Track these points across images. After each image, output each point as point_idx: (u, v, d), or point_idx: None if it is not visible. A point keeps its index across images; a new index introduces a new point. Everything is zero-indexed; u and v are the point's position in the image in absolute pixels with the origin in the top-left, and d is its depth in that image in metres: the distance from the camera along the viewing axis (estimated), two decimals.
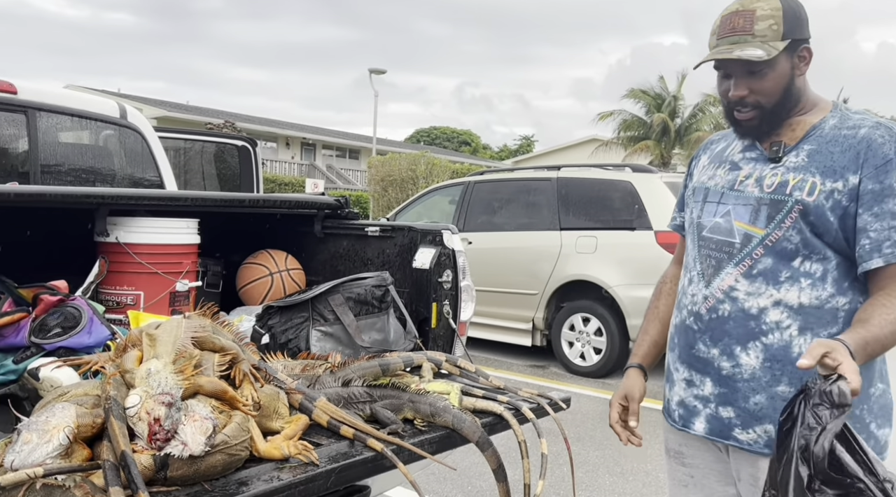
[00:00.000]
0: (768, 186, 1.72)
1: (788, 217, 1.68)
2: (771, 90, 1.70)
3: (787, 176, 1.70)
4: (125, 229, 2.72)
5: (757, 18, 1.67)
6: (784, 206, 1.69)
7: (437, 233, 2.95)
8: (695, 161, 2.00)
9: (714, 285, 1.76)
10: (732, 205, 1.77)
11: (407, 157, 19.82)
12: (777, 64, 1.68)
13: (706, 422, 1.78)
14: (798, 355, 1.64)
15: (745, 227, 1.74)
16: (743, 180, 1.77)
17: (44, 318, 2.21)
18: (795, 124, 1.75)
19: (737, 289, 1.73)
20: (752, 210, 1.73)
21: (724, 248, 1.76)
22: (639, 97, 28.43)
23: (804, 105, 1.75)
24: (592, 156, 27.97)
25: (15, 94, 3.43)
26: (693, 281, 1.83)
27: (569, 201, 7.33)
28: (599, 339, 6.97)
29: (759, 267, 1.71)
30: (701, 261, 1.81)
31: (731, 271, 1.74)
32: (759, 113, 1.73)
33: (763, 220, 1.71)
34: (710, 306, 1.77)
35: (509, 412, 2.11)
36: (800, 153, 1.72)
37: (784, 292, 1.69)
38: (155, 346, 1.68)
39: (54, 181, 3.58)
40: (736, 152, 1.84)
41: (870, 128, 1.68)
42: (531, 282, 7.33)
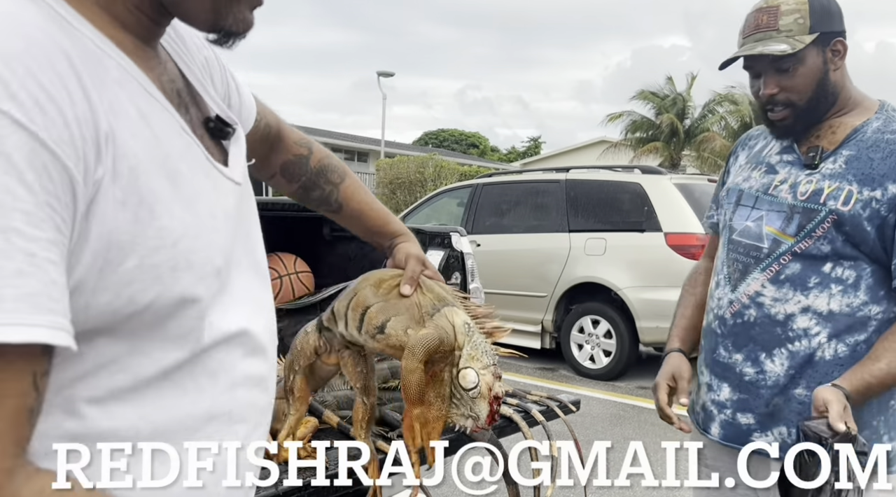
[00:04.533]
0: (802, 194, 1.65)
1: (820, 227, 1.62)
2: (802, 86, 1.64)
3: (822, 184, 1.63)
4: None
5: (782, 14, 1.62)
6: (817, 215, 1.62)
7: (446, 235, 2.94)
8: (732, 157, 1.94)
9: (740, 290, 1.72)
10: (766, 210, 1.71)
11: (415, 159, 19.83)
12: (806, 58, 1.62)
13: (721, 427, 1.75)
14: (822, 360, 1.61)
15: (774, 232, 1.68)
16: (778, 185, 1.71)
17: None
18: (836, 126, 1.68)
19: (763, 294, 1.68)
20: (785, 217, 1.67)
21: (752, 253, 1.71)
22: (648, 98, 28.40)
23: (844, 104, 1.68)
24: (601, 157, 27.95)
25: None
26: (720, 284, 1.79)
27: (578, 203, 7.31)
28: (609, 341, 6.95)
29: (786, 272, 1.65)
30: (728, 264, 1.77)
31: (758, 276, 1.69)
32: (792, 111, 1.66)
33: (794, 228, 1.65)
34: (735, 311, 1.72)
35: (519, 415, 2.10)
36: (837, 159, 1.64)
37: (813, 298, 1.63)
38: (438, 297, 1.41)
39: None
40: (773, 154, 1.77)
41: None
42: (540, 284, 7.32)
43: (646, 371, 6.94)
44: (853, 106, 1.69)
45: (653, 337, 6.58)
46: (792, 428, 1.64)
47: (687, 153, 27.86)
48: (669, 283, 5.99)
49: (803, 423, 1.46)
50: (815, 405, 1.49)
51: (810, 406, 1.60)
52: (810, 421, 1.45)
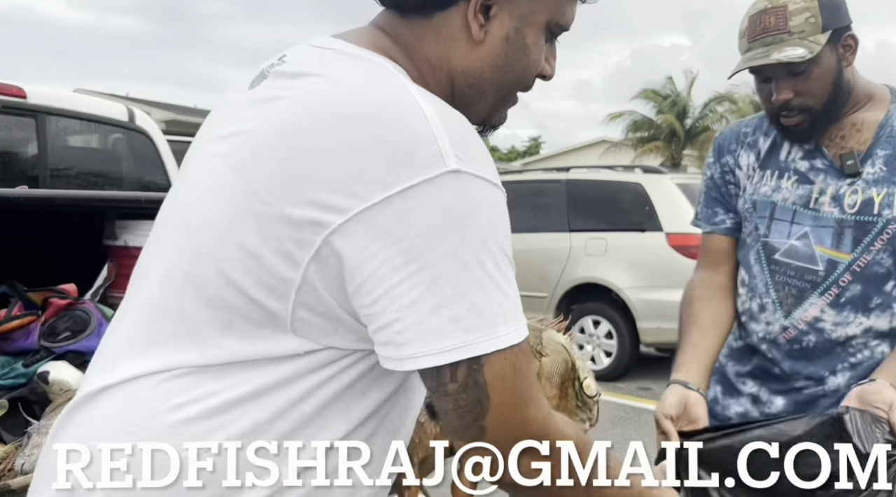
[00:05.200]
0: (850, 206, 1.53)
1: (879, 239, 1.51)
2: (819, 90, 1.52)
3: (870, 192, 1.52)
4: (134, 233, 2.73)
5: (791, 13, 1.48)
6: (873, 227, 1.51)
7: None
8: (728, 156, 1.74)
9: (796, 316, 1.59)
10: (810, 227, 1.57)
11: None
12: (822, 59, 1.49)
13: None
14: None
15: (828, 252, 1.55)
16: (818, 198, 1.57)
17: (53, 322, 2.22)
18: (860, 124, 1.57)
19: (823, 320, 1.56)
20: (835, 233, 1.55)
21: (806, 277, 1.57)
22: (650, 98, 28.36)
23: (857, 98, 1.57)
24: (602, 157, 27.91)
25: (24, 98, 3.44)
26: (766, 309, 1.63)
27: (578, 203, 7.31)
28: (610, 342, 6.95)
29: (846, 295, 1.54)
30: (776, 288, 1.62)
31: (816, 301, 1.56)
32: (808, 116, 1.54)
33: (848, 244, 1.53)
34: (791, 337, 1.60)
35: None
36: (875, 161, 1.54)
37: (874, 319, 1.54)
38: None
39: (63, 185, 3.59)
40: (798, 159, 1.62)
41: None
42: (540, 284, 7.31)
43: (647, 372, 6.93)
44: (867, 99, 1.59)
45: (654, 338, 6.58)
46: None
47: (688, 153, 27.84)
48: (671, 283, 5.98)
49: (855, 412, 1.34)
50: (870, 400, 1.38)
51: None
52: (858, 412, 1.33)
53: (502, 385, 0.83)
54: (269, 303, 0.84)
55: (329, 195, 0.80)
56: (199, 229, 0.88)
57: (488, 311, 0.81)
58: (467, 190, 0.81)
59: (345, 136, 0.81)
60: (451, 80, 0.95)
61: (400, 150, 0.80)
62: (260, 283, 0.83)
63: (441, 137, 0.81)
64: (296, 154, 0.82)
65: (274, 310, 0.84)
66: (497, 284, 0.82)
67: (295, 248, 0.81)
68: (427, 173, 0.79)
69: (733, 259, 1.75)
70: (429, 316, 0.80)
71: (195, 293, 0.87)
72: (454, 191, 0.80)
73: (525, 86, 1.00)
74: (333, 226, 0.80)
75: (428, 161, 0.80)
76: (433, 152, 0.80)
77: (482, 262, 0.81)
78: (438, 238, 0.79)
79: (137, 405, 0.87)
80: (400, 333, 0.81)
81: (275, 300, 0.84)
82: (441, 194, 0.80)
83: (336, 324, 0.85)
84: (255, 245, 0.83)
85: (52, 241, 2.73)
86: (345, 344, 0.87)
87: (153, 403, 0.86)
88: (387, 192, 0.79)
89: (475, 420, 0.84)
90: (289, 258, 0.82)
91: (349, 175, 0.80)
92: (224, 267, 0.85)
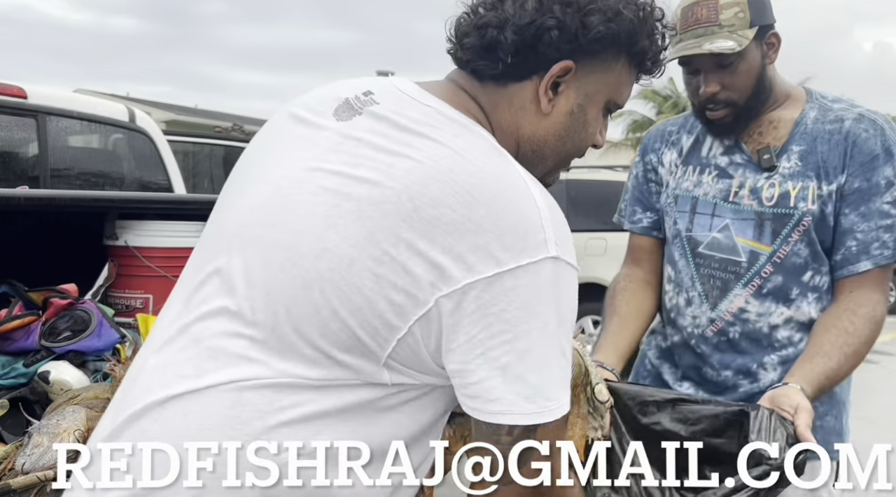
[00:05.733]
0: (768, 200, 1.61)
1: (796, 230, 1.58)
2: (743, 84, 1.59)
3: (786, 186, 1.59)
4: (134, 233, 2.73)
5: (721, 7, 1.55)
6: (790, 219, 1.59)
7: None
8: (652, 154, 1.82)
9: (722, 307, 1.65)
10: (731, 219, 1.64)
11: None
12: (748, 54, 1.56)
13: None
14: None
15: (750, 243, 1.62)
16: (737, 191, 1.64)
17: (54, 322, 2.22)
18: (776, 121, 1.64)
19: (748, 310, 1.63)
20: (755, 225, 1.62)
21: (730, 268, 1.64)
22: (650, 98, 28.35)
23: (777, 97, 1.65)
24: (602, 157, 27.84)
25: (25, 98, 3.45)
26: (693, 302, 1.69)
27: (578, 203, 7.30)
28: None
29: (769, 286, 1.61)
30: (702, 281, 1.68)
31: (740, 292, 1.63)
32: (732, 110, 1.61)
33: (768, 236, 1.60)
34: (718, 329, 1.66)
35: None
36: (791, 156, 1.61)
37: (794, 310, 1.61)
38: None
39: (64, 185, 3.60)
40: (719, 154, 1.70)
41: (853, 121, 1.58)
42: None
43: None
44: (784, 98, 1.66)
45: None
46: None
47: None
48: None
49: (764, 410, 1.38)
50: (778, 402, 1.42)
51: None
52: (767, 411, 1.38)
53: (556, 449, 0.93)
54: (369, 342, 0.91)
55: (449, 261, 0.88)
56: (311, 258, 0.91)
57: (560, 382, 0.93)
58: (561, 275, 0.92)
59: (468, 210, 0.89)
60: (518, 144, 1.05)
61: (515, 233, 0.90)
62: (365, 323, 0.90)
63: (547, 226, 0.91)
64: (422, 216, 0.89)
65: (372, 348, 0.91)
66: (567, 359, 0.94)
67: (408, 302, 0.89)
68: (533, 257, 0.89)
69: (654, 256, 1.82)
70: (516, 380, 0.89)
71: (297, 316, 0.91)
72: (552, 274, 0.90)
73: (578, 155, 1.12)
74: (447, 290, 0.88)
75: (536, 246, 0.90)
76: (541, 239, 0.90)
77: (560, 338, 0.92)
78: (533, 314, 0.89)
79: (243, 404, 0.90)
80: (489, 390, 0.90)
81: (375, 342, 0.91)
82: (541, 276, 0.90)
83: (422, 370, 0.94)
84: (370, 289, 0.89)
85: (52, 241, 2.73)
86: (423, 381, 0.96)
87: (259, 404, 0.90)
88: (499, 268, 0.88)
89: None
90: (399, 310, 0.89)
91: (468, 246, 0.88)
92: (333, 300, 0.90)
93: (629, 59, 1.06)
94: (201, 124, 17.33)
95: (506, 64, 1.01)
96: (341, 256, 0.90)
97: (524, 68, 1.02)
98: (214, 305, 0.95)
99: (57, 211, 2.60)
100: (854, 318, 1.54)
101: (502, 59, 1.01)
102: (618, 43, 1.03)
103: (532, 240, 0.90)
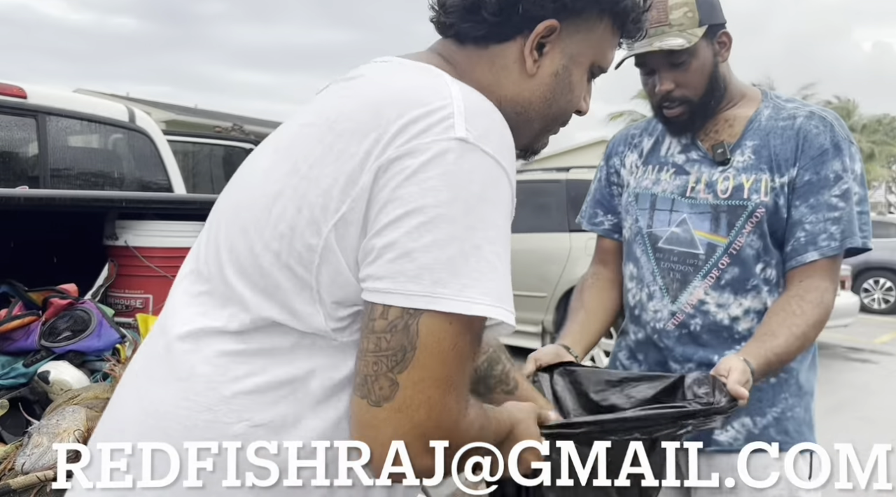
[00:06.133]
0: (723, 192, 1.66)
1: (749, 222, 1.63)
2: (696, 81, 1.64)
3: (740, 178, 1.65)
4: (134, 233, 2.73)
5: (670, 7, 1.61)
6: (744, 211, 1.63)
7: None
8: (615, 158, 1.90)
9: (682, 300, 1.69)
10: (687, 213, 1.69)
11: None
12: (698, 52, 1.62)
13: None
14: None
15: (707, 236, 1.67)
16: (694, 186, 1.70)
17: (53, 322, 2.22)
18: (732, 119, 1.70)
19: (707, 302, 1.67)
20: (711, 218, 1.66)
21: (689, 261, 1.68)
22: None
23: (732, 96, 1.71)
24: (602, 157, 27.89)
25: (25, 98, 3.45)
26: (654, 296, 1.73)
27: (578, 203, 7.27)
28: (609, 341, 6.94)
29: (726, 277, 1.65)
30: (662, 275, 1.72)
31: (699, 284, 1.67)
32: (687, 107, 1.67)
33: (724, 228, 1.65)
34: (679, 322, 1.69)
35: None
36: (744, 151, 1.66)
37: (751, 300, 1.65)
38: None
39: (64, 185, 3.60)
40: (676, 153, 1.76)
41: (805, 117, 1.64)
42: (540, 284, 7.32)
43: None
44: (739, 97, 1.72)
45: None
46: (756, 416, 1.64)
47: None
48: None
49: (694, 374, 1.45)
50: (717, 369, 1.47)
51: (766, 390, 1.64)
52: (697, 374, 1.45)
53: (437, 347, 0.83)
54: (297, 268, 0.89)
55: (357, 163, 0.87)
56: (248, 205, 0.95)
57: (471, 277, 0.84)
58: (471, 160, 0.87)
59: (377, 113, 0.89)
60: (500, 105, 1.00)
61: (419, 119, 0.87)
62: (291, 250, 0.89)
63: (458, 113, 0.88)
64: (335, 131, 0.90)
65: (300, 275, 0.89)
66: (487, 260, 0.86)
67: (321, 214, 0.88)
68: (436, 137, 0.86)
69: (618, 257, 1.88)
70: (402, 257, 0.84)
71: (235, 259, 0.94)
72: (457, 156, 0.86)
73: (564, 120, 1.11)
74: (354, 192, 0.87)
75: (441, 128, 0.87)
76: (448, 123, 0.87)
77: (471, 228, 0.85)
78: (430, 191, 0.84)
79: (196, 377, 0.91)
80: (376, 270, 0.85)
81: (302, 266, 0.89)
82: (445, 157, 0.86)
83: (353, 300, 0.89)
84: (291, 215, 0.89)
85: (52, 241, 2.73)
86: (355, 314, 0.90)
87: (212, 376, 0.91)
88: (397, 150, 0.86)
89: (390, 369, 0.83)
90: (315, 226, 0.88)
91: (373, 141, 0.87)
92: (265, 234, 0.91)
93: (612, 20, 1.06)
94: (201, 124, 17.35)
95: (489, 24, 1.02)
96: (268, 194, 0.92)
97: (508, 28, 1.02)
98: (186, 269, 1.05)
99: (57, 211, 2.60)
100: (801, 303, 1.58)
101: (486, 20, 1.01)
102: (601, 1, 1.04)
103: (436, 122, 0.87)
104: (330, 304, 0.89)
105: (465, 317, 0.83)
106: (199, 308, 0.96)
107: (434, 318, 0.83)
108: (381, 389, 0.83)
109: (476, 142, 0.87)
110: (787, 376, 1.68)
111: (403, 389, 0.82)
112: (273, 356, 0.90)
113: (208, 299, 0.96)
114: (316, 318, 0.89)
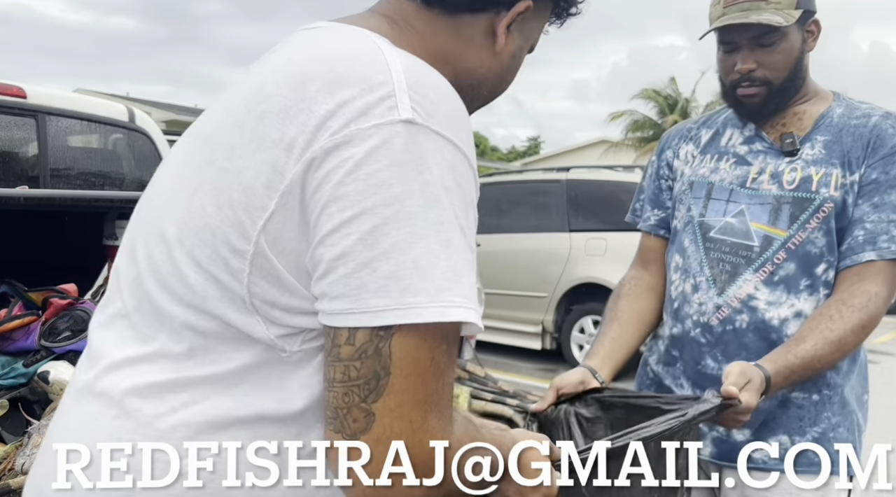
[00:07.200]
0: (789, 183, 1.57)
1: (815, 217, 1.54)
2: (781, 64, 1.57)
3: (809, 170, 1.56)
4: None
5: None
6: (810, 204, 1.55)
7: None
8: (669, 151, 1.81)
9: (729, 293, 1.59)
10: (746, 204, 1.60)
11: None
12: (790, 35, 1.55)
13: (712, 445, 1.62)
14: None
15: (764, 228, 1.57)
16: (756, 177, 1.61)
17: (53, 322, 2.22)
18: (801, 113, 1.63)
19: (756, 297, 1.56)
20: (772, 209, 1.57)
21: (741, 252, 1.59)
22: (651, 97, 28.33)
23: (807, 90, 1.64)
24: (602, 157, 27.91)
25: (24, 98, 3.44)
26: (700, 288, 1.63)
27: (578, 203, 7.31)
28: None
29: (780, 273, 1.55)
30: (710, 265, 1.62)
31: (750, 278, 1.57)
32: (766, 90, 1.59)
33: (785, 221, 1.56)
34: (724, 317, 1.59)
35: (519, 416, 2.10)
36: (815, 144, 1.58)
37: (803, 302, 1.55)
38: None
39: (63, 185, 3.59)
40: (738, 144, 1.68)
41: (880, 117, 1.58)
42: (540, 284, 7.31)
43: None
44: (812, 94, 1.65)
45: None
46: (794, 435, 1.56)
47: None
48: None
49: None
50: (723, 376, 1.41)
51: (807, 408, 1.57)
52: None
53: (413, 367, 0.75)
54: (225, 278, 0.80)
55: (281, 152, 0.77)
56: (166, 216, 0.87)
57: (442, 277, 0.75)
58: (422, 144, 0.77)
59: (300, 90, 0.79)
60: (454, 77, 0.93)
61: (354, 98, 0.77)
62: (216, 257, 0.81)
63: (401, 89, 0.78)
64: (253, 115, 0.81)
65: (230, 286, 0.81)
66: (458, 251, 0.77)
67: (246, 216, 0.79)
68: (378, 119, 0.76)
69: (661, 258, 1.79)
70: (361, 269, 0.74)
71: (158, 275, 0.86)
72: (405, 141, 0.76)
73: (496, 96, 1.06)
74: (283, 186, 0.77)
75: (382, 109, 0.77)
76: (390, 103, 0.77)
77: (434, 221, 0.76)
78: (380, 186, 0.74)
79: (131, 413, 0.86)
80: (331, 287, 0.75)
81: (230, 275, 0.80)
82: (391, 143, 0.75)
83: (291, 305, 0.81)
84: (211, 215, 0.81)
85: (52, 241, 2.73)
86: (305, 324, 0.82)
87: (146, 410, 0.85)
88: (333, 139, 0.76)
89: (363, 400, 0.75)
90: (241, 229, 0.79)
91: (300, 127, 0.77)
92: (185, 241, 0.83)
93: (555, 2, 1.02)
94: None
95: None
96: (183, 190, 0.85)
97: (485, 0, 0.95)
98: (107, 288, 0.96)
99: (57, 211, 2.60)
100: (842, 307, 1.49)
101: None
102: None
103: (376, 102, 0.77)
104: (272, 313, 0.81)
105: (441, 324, 0.75)
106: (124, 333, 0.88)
107: (407, 334, 0.74)
108: (356, 422, 0.75)
109: (425, 122, 0.77)
110: (830, 393, 1.58)
111: (381, 419, 0.75)
112: (213, 383, 0.83)
113: (130, 323, 0.88)
114: (257, 327, 0.82)
